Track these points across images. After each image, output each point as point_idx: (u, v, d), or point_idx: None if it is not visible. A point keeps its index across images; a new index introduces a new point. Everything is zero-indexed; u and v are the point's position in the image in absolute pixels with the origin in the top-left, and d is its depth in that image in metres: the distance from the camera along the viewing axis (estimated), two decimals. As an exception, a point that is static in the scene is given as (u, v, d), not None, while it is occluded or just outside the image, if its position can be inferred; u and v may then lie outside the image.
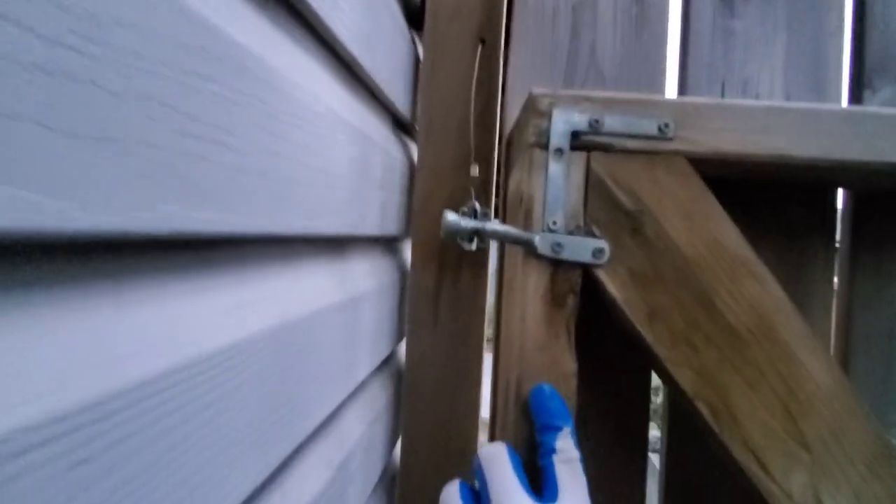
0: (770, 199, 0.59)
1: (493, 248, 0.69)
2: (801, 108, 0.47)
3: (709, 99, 0.53)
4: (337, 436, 0.45)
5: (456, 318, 0.64)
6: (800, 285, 0.59)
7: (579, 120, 0.46)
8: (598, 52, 0.61)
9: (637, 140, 0.46)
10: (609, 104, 0.46)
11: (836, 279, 0.62)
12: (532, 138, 0.46)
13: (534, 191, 0.46)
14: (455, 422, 0.64)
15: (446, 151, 0.65)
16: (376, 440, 0.57)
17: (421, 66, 0.68)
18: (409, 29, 0.69)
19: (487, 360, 0.65)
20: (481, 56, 0.64)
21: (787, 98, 0.61)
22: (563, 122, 0.46)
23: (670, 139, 0.46)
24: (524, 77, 0.62)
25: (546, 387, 0.44)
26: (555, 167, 0.46)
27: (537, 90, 0.47)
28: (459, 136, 0.65)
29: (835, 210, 0.60)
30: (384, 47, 0.54)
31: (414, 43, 0.70)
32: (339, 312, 0.43)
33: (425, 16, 0.66)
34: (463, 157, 0.64)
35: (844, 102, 0.62)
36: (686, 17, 0.62)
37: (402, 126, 0.72)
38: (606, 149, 0.46)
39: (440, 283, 0.64)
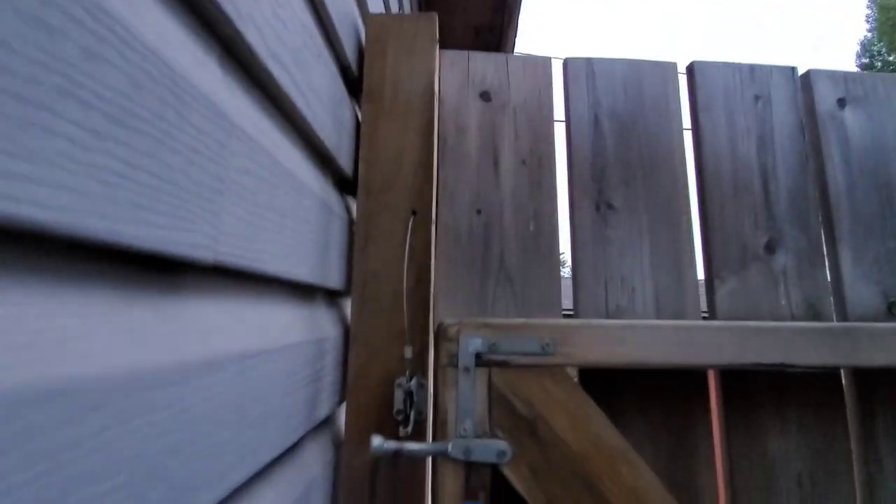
0: (661, 373, 0.72)
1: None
2: (646, 325, 0.62)
3: (580, 320, 0.67)
4: None
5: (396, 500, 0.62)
6: (687, 440, 0.70)
7: (481, 343, 0.59)
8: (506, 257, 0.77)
9: (527, 356, 0.59)
10: (502, 329, 0.60)
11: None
12: (444, 360, 0.59)
13: (448, 404, 0.57)
14: None
15: (380, 325, 0.64)
16: None
17: (355, 236, 0.68)
18: (349, 97, 0.73)
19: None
20: (413, 226, 0.66)
21: (656, 290, 0.77)
22: (468, 346, 0.59)
23: (553, 354, 0.59)
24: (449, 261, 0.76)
25: None
26: (464, 383, 0.58)
27: (447, 320, 0.60)
28: (393, 309, 0.64)
29: (706, 383, 0.74)
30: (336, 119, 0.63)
31: (353, 108, 0.74)
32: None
33: (357, 187, 0.68)
34: (397, 330, 0.63)
35: (702, 290, 0.78)
36: (573, 229, 0.79)
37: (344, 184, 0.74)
38: (503, 365, 0.59)
39: (376, 463, 0.60)
